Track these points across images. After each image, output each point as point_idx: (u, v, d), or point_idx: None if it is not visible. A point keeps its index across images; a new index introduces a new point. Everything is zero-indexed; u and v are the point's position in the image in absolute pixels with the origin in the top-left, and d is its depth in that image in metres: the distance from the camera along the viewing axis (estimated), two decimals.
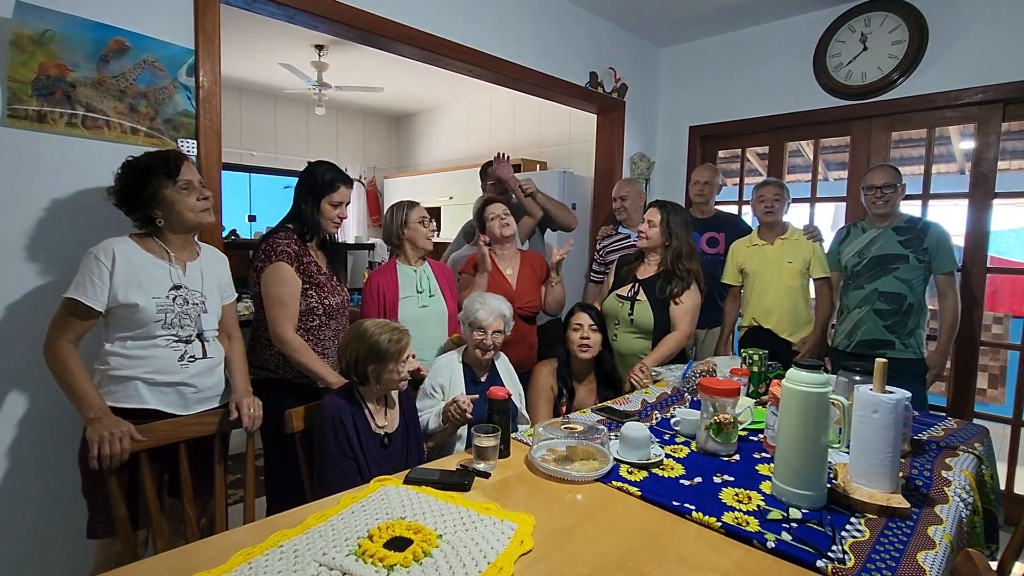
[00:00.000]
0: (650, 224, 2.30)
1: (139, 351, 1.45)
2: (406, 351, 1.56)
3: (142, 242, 1.49)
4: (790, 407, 1.17)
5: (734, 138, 3.61)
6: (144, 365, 1.45)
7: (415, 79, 4.61)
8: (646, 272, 2.35)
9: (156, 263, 1.49)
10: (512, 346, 2.28)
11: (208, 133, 1.85)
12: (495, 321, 1.92)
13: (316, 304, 1.87)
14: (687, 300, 2.25)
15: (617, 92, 3.49)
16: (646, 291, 2.29)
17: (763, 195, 2.71)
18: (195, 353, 1.53)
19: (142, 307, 1.42)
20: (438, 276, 2.23)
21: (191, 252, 1.59)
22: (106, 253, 1.40)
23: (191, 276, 1.55)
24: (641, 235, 2.32)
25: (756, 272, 2.73)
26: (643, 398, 1.91)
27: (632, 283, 2.33)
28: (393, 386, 1.57)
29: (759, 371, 1.96)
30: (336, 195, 1.90)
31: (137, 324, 1.43)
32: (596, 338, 2.08)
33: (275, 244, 1.81)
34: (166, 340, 1.47)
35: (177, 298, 1.49)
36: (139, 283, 1.43)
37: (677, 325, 2.24)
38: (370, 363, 1.54)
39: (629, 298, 2.30)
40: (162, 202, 1.47)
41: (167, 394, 1.48)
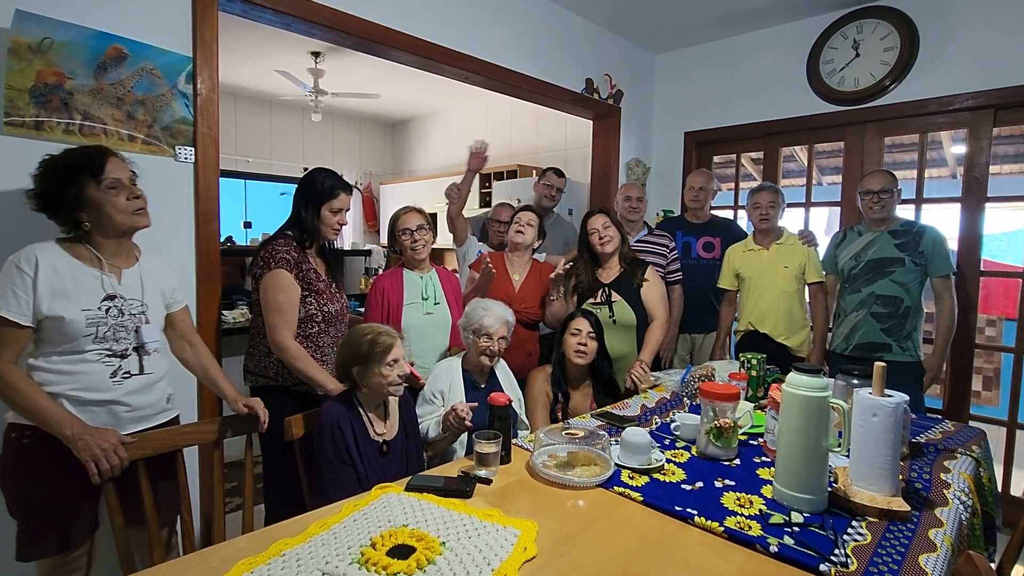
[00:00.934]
0: (604, 227, 2.39)
1: (66, 366, 1.32)
2: (389, 353, 1.52)
3: (71, 248, 1.35)
4: (791, 411, 1.18)
5: (729, 143, 3.64)
6: (71, 381, 1.33)
7: (411, 85, 4.63)
8: (609, 275, 2.41)
9: (86, 271, 1.35)
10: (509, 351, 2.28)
11: (206, 140, 1.84)
12: (500, 327, 1.92)
13: (315, 311, 1.87)
14: (654, 285, 2.38)
15: (613, 98, 3.51)
16: (617, 291, 2.35)
17: (758, 201, 2.72)
18: (130, 368, 1.41)
19: (68, 320, 1.29)
20: (444, 284, 2.24)
21: (127, 258, 1.46)
22: (28, 261, 1.27)
23: (128, 284, 1.42)
24: (605, 241, 2.37)
25: (752, 277, 2.74)
26: (642, 403, 1.92)
27: (599, 288, 2.37)
28: (382, 390, 1.55)
29: (757, 375, 1.97)
30: (336, 202, 1.89)
31: (65, 338, 1.31)
32: (593, 346, 2.08)
33: (274, 251, 1.80)
34: (97, 355, 1.35)
35: (111, 309, 1.37)
36: (66, 294, 1.30)
37: (654, 314, 2.34)
38: (354, 365, 1.54)
39: (604, 302, 2.33)
40: (88, 204, 1.34)
41: (96, 413, 1.35)
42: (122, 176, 1.39)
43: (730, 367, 2.16)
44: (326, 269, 1.99)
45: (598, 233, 2.37)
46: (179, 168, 1.81)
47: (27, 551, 1.35)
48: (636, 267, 2.39)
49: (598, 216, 2.41)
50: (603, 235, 2.37)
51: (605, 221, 2.38)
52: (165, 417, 1.56)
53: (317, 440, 1.51)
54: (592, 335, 2.09)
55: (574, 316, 2.16)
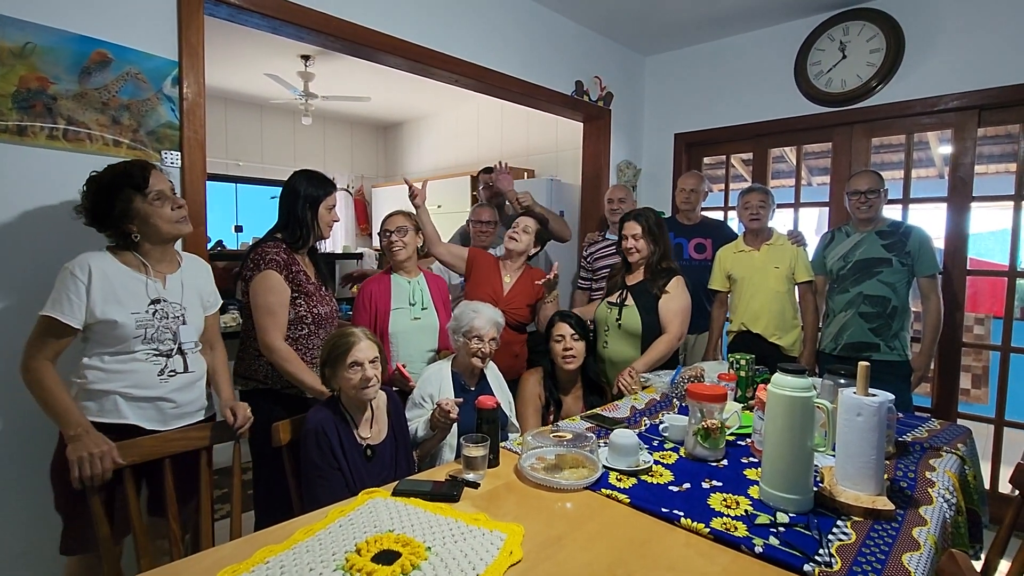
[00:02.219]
0: (634, 238, 2.30)
1: (118, 365, 1.42)
2: (348, 356, 1.52)
3: (119, 255, 1.46)
4: (776, 412, 1.18)
5: (719, 145, 3.66)
6: (123, 379, 1.42)
7: (402, 88, 4.63)
8: (634, 278, 2.38)
9: (134, 277, 1.45)
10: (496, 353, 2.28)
11: (192, 145, 1.84)
12: (490, 329, 1.92)
13: (305, 313, 1.87)
14: (676, 298, 2.25)
15: (603, 100, 3.52)
16: (634, 296, 2.31)
17: (748, 201, 2.74)
18: (175, 367, 1.50)
19: (121, 323, 1.39)
20: (432, 289, 2.23)
21: (171, 263, 1.56)
22: (82, 268, 1.36)
23: (171, 288, 1.52)
24: (631, 251, 2.31)
25: (743, 278, 2.75)
26: (632, 404, 1.92)
27: (620, 290, 2.35)
28: (352, 393, 1.54)
29: (746, 376, 1.98)
30: (330, 199, 1.91)
31: (116, 340, 1.40)
32: (579, 347, 2.08)
33: (264, 253, 1.80)
34: (146, 354, 1.45)
35: (157, 312, 1.46)
36: (117, 299, 1.39)
37: (667, 328, 2.24)
38: (325, 367, 1.56)
39: (617, 304, 2.32)
40: (135, 216, 1.43)
41: (146, 409, 1.45)
42: (164, 188, 1.48)
43: (720, 368, 2.16)
44: (316, 271, 1.99)
45: (627, 242, 2.31)
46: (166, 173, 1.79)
47: (70, 546, 1.44)
48: (659, 275, 2.27)
49: (632, 224, 2.30)
50: (631, 246, 2.30)
51: (637, 232, 2.28)
52: (204, 415, 1.62)
53: (303, 446, 1.50)
54: (575, 336, 2.09)
55: (553, 322, 2.15)
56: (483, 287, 2.32)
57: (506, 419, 1.98)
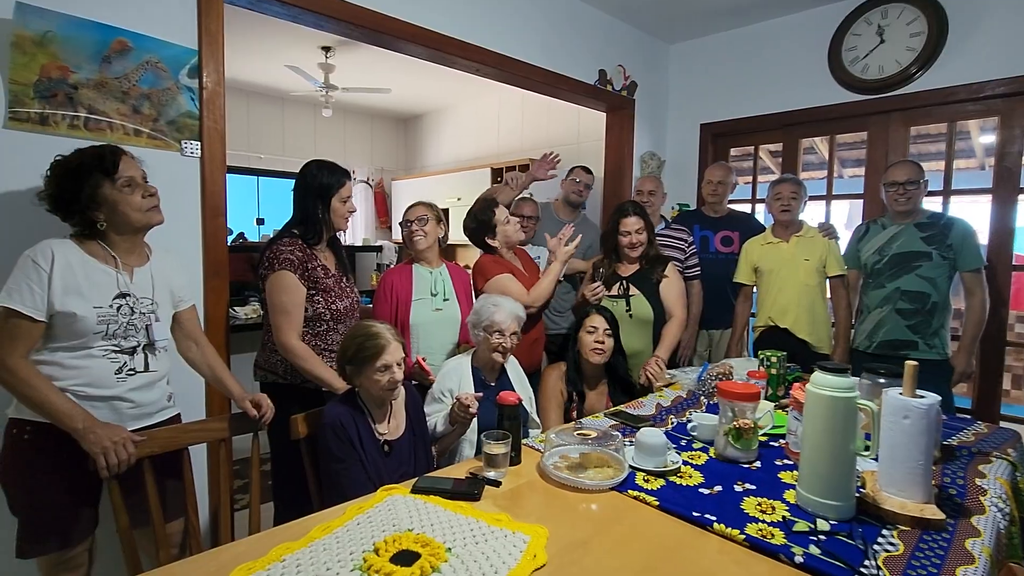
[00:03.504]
0: (637, 232, 2.34)
1: (72, 360, 1.31)
2: (378, 359, 1.47)
3: (85, 245, 1.35)
4: (815, 413, 1.12)
5: (746, 135, 3.54)
6: (76, 376, 1.32)
7: (423, 80, 4.59)
8: (628, 268, 2.39)
9: (100, 269, 1.35)
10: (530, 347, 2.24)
11: (212, 135, 1.82)
12: (512, 323, 1.88)
13: (323, 310, 1.84)
14: (675, 282, 2.35)
15: (627, 90, 3.43)
16: (636, 285, 2.32)
17: (780, 192, 2.64)
18: (135, 366, 1.41)
19: (80, 316, 1.29)
20: (455, 279, 2.19)
21: (139, 256, 1.46)
22: (44, 256, 1.26)
23: (139, 282, 1.42)
24: (634, 246, 2.33)
25: (772, 271, 2.66)
26: (657, 402, 1.86)
27: (618, 281, 2.34)
28: (379, 393, 1.51)
29: (777, 373, 1.90)
30: (344, 190, 1.87)
31: (74, 335, 1.30)
32: (610, 343, 2.03)
33: (278, 252, 1.77)
34: (103, 351, 1.35)
35: (123, 307, 1.37)
36: (79, 290, 1.29)
37: (672, 311, 2.31)
38: (347, 364, 1.52)
39: (622, 296, 2.29)
40: (103, 203, 1.33)
41: (99, 408, 1.34)
42: (135, 174, 1.40)
43: (748, 365, 2.09)
44: (336, 263, 1.96)
45: (630, 237, 2.33)
46: (185, 163, 1.79)
47: (28, 548, 1.34)
48: (656, 263, 2.36)
49: (634, 219, 2.34)
50: (634, 240, 2.33)
51: (639, 225, 2.33)
52: (166, 415, 1.55)
53: (322, 439, 1.48)
54: (608, 332, 2.03)
55: (588, 313, 2.10)
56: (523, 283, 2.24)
57: (527, 415, 1.93)
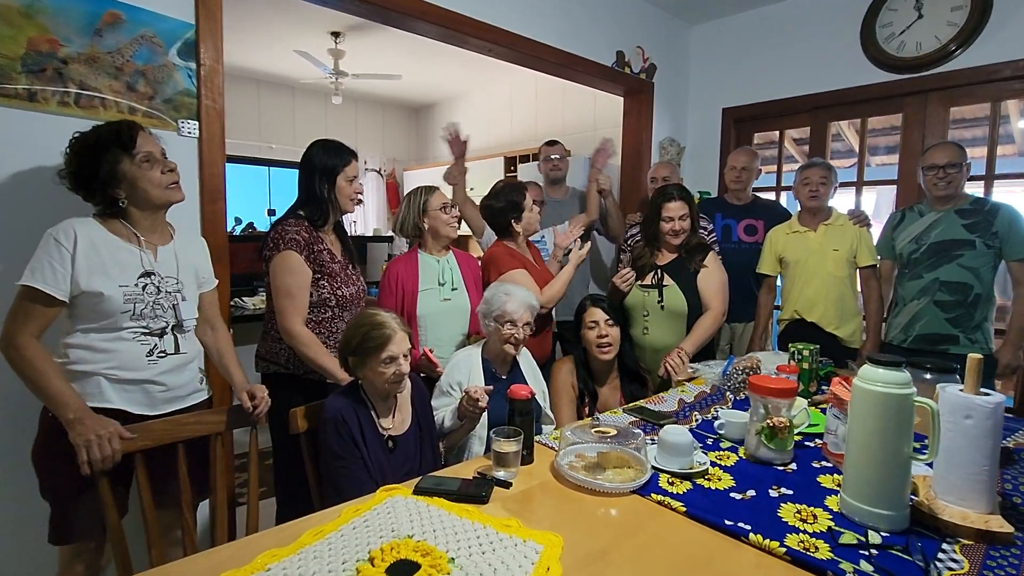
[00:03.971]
0: (681, 219, 2.16)
1: (103, 344, 1.30)
2: (383, 351, 1.38)
3: (107, 224, 1.33)
4: (864, 411, 1.00)
5: (771, 120, 3.38)
6: (108, 360, 1.30)
7: (434, 67, 4.48)
8: (664, 257, 2.23)
9: (124, 247, 1.33)
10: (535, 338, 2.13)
11: (211, 114, 1.74)
12: (524, 313, 1.77)
13: (328, 295, 1.76)
14: (715, 273, 2.16)
15: (645, 72, 3.29)
16: (671, 275, 2.16)
17: (808, 177, 2.50)
18: (166, 348, 1.38)
19: (107, 296, 1.26)
20: (463, 268, 2.09)
21: (163, 234, 1.43)
22: (67, 235, 1.25)
23: (163, 261, 1.39)
24: (676, 233, 2.17)
25: (798, 261, 2.52)
26: (680, 397, 1.74)
27: (652, 271, 2.19)
28: (384, 386, 1.42)
29: (810, 368, 1.77)
30: (349, 169, 1.79)
31: (102, 315, 1.28)
32: (615, 333, 1.91)
33: (283, 232, 1.70)
34: (133, 333, 1.32)
35: (148, 286, 1.34)
36: (104, 269, 1.27)
37: (709, 304, 2.13)
38: (349, 355, 1.43)
39: (655, 285, 2.15)
40: (122, 179, 1.31)
41: (132, 392, 1.33)
42: (153, 150, 1.36)
43: (777, 359, 1.96)
44: (342, 249, 1.88)
45: (673, 223, 2.15)
46: (183, 143, 1.70)
47: (58, 534, 1.33)
48: (695, 251, 2.17)
49: (678, 203, 2.15)
50: (677, 227, 2.14)
51: (684, 211, 2.14)
52: (199, 398, 1.52)
53: (322, 435, 1.39)
54: (610, 321, 1.92)
55: (584, 307, 1.99)
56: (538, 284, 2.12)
57: (540, 410, 1.83)
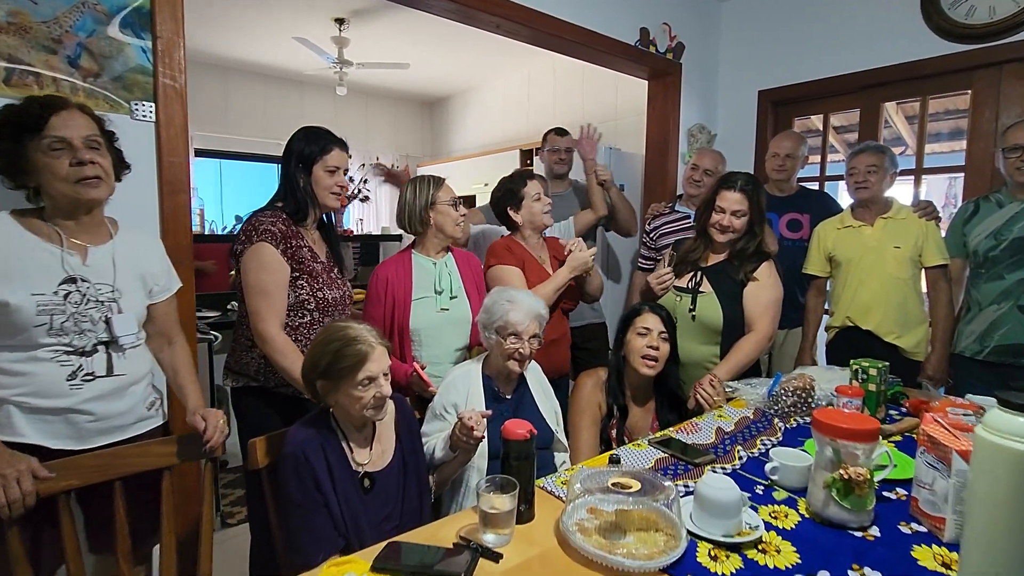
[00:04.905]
0: (735, 215, 1.79)
1: (14, 365, 1.09)
2: (360, 369, 1.13)
3: (26, 221, 1.13)
4: (995, 475, 0.71)
5: (814, 103, 3.04)
6: (20, 385, 1.09)
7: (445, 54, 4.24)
8: (710, 258, 1.89)
9: (43, 248, 1.12)
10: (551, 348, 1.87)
11: (169, 94, 1.51)
12: (531, 324, 1.50)
13: (307, 297, 1.53)
14: (767, 287, 1.79)
15: (672, 52, 2.98)
16: (712, 281, 1.83)
17: (854, 166, 2.16)
18: (94, 369, 1.16)
19: (14, 306, 1.06)
20: (463, 271, 1.83)
21: (96, 233, 1.21)
22: None
23: (95, 265, 1.18)
24: (725, 228, 1.82)
25: (851, 260, 2.19)
26: (718, 425, 1.45)
27: (693, 272, 1.87)
28: (360, 413, 1.17)
29: (877, 391, 1.47)
30: (330, 158, 1.54)
31: (10, 330, 1.07)
32: (665, 349, 1.63)
33: (257, 223, 1.48)
34: (53, 352, 1.11)
35: (71, 295, 1.12)
36: (12, 274, 1.07)
37: (754, 324, 1.77)
38: (318, 378, 1.17)
39: (690, 290, 1.84)
40: (32, 168, 1.10)
41: (52, 423, 1.12)
42: (70, 135, 1.11)
43: (832, 376, 1.66)
44: (327, 250, 1.65)
45: (724, 216, 1.79)
46: (137, 128, 1.48)
47: None
48: (747, 259, 1.80)
49: (738, 196, 1.78)
50: (727, 222, 1.78)
51: (742, 207, 1.77)
52: (145, 427, 1.30)
53: (281, 474, 1.15)
54: (665, 335, 1.63)
55: (639, 311, 1.70)
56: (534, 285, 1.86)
57: (551, 437, 1.57)
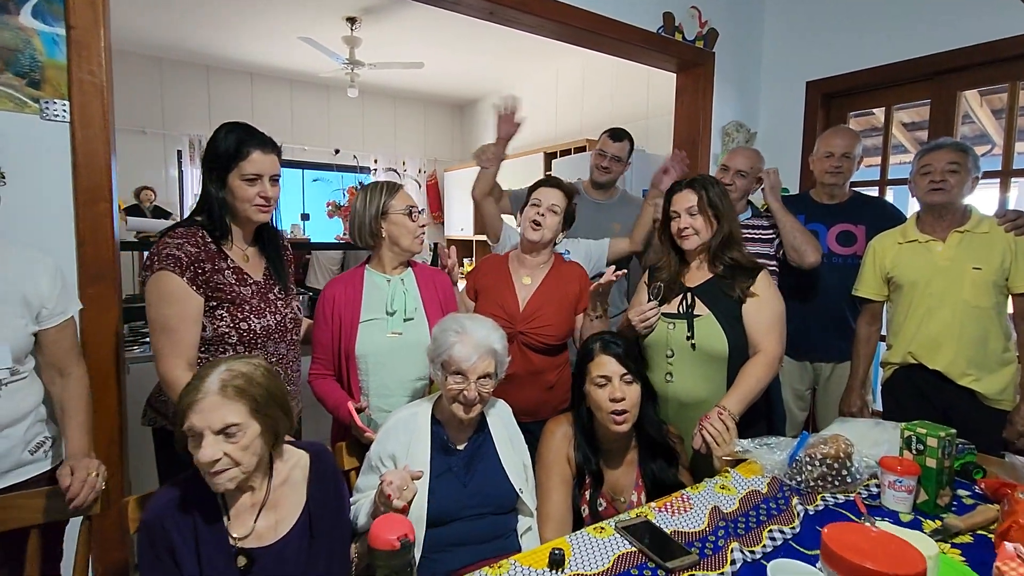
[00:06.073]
0: (689, 213, 1.53)
1: None
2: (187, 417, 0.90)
3: None
4: None
5: (874, 94, 2.60)
6: None
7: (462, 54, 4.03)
8: (696, 277, 1.56)
9: None
10: (519, 387, 1.59)
11: (87, 91, 1.34)
12: (479, 361, 1.23)
13: (228, 329, 1.31)
14: (768, 302, 1.49)
15: (703, 40, 2.63)
16: (705, 301, 1.50)
17: (929, 164, 1.75)
18: None
19: None
20: (425, 290, 1.58)
21: None
22: None
23: None
24: (686, 232, 1.54)
25: (916, 282, 1.78)
26: (714, 504, 1.11)
27: (681, 294, 1.54)
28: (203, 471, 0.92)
29: (939, 468, 1.09)
30: (247, 164, 1.30)
31: None
32: (634, 394, 1.31)
33: (161, 246, 1.27)
34: None
35: None
36: None
37: (760, 345, 1.45)
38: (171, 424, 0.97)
39: (683, 315, 1.51)
40: None
41: None
42: None
43: (880, 436, 1.29)
44: (267, 268, 1.44)
45: (678, 221, 1.56)
46: (48, 129, 1.32)
47: None
48: (739, 272, 1.52)
49: (685, 194, 1.56)
50: (684, 225, 1.54)
51: (692, 204, 1.53)
52: (26, 474, 1.14)
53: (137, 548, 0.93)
54: (628, 377, 1.31)
55: (590, 354, 1.36)
56: (491, 303, 1.59)
57: (513, 500, 1.28)
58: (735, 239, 1.55)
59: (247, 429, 0.93)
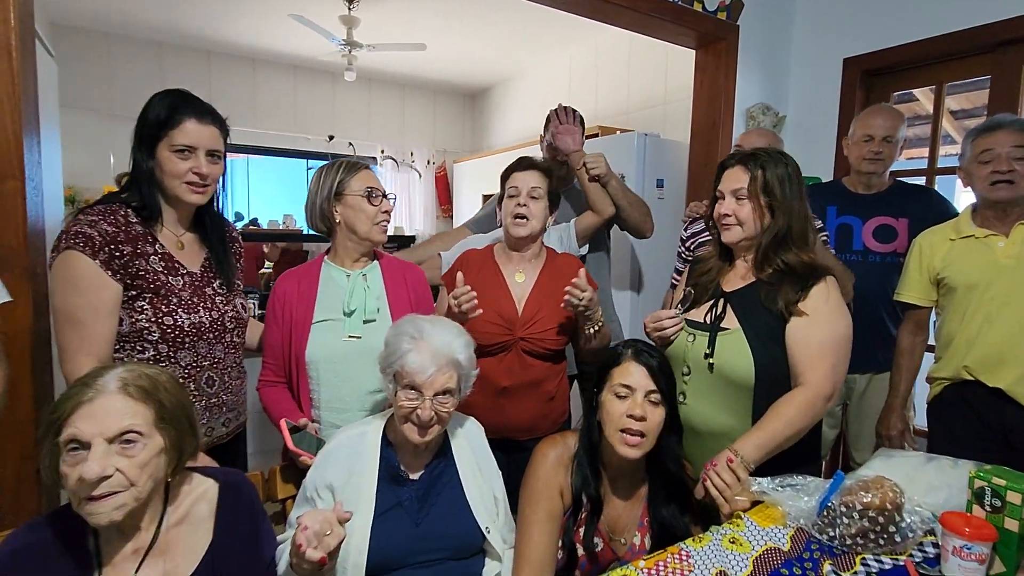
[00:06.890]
0: (736, 197, 1.22)
1: None
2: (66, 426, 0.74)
3: None
4: None
5: (921, 71, 2.29)
6: None
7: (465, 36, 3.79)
8: (735, 280, 1.27)
9: None
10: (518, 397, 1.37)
11: None
12: (437, 374, 1.01)
13: (148, 324, 1.13)
14: (826, 319, 1.14)
15: (726, 11, 2.36)
16: (739, 312, 1.22)
17: (991, 146, 1.48)
18: None
19: None
20: (393, 286, 1.36)
21: None
22: None
23: None
24: (727, 221, 1.24)
25: (973, 285, 1.51)
26: (722, 566, 0.87)
27: (713, 299, 1.27)
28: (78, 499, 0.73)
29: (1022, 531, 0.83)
30: (179, 133, 1.12)
31: None
32: (657, 417, 1.06)
33: (73, 223, 1.10)
34: None
35: None
36: None
37: (802, 375, 1.13)
38: None
39: (707, 327, 1.24)
40: None
41: None
42: None
43: (936, 478, 1.04)
44: (207, 257, 1.25)
45: (721, 204, 1.25)
46: None
47: None
48: (789, 280, 1.18)
49: (735, 171, 1.24)
50: (725, 211, 1.23)
51: (741, 186, 1.22)
52: None
53: None
54: (655, 395, 1.07)
55: (618, 359, 1.12)
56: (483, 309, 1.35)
57: (478, 541, 1.07)
58: (795, 238, 1.20)
59: (149, 441, 0.76)
